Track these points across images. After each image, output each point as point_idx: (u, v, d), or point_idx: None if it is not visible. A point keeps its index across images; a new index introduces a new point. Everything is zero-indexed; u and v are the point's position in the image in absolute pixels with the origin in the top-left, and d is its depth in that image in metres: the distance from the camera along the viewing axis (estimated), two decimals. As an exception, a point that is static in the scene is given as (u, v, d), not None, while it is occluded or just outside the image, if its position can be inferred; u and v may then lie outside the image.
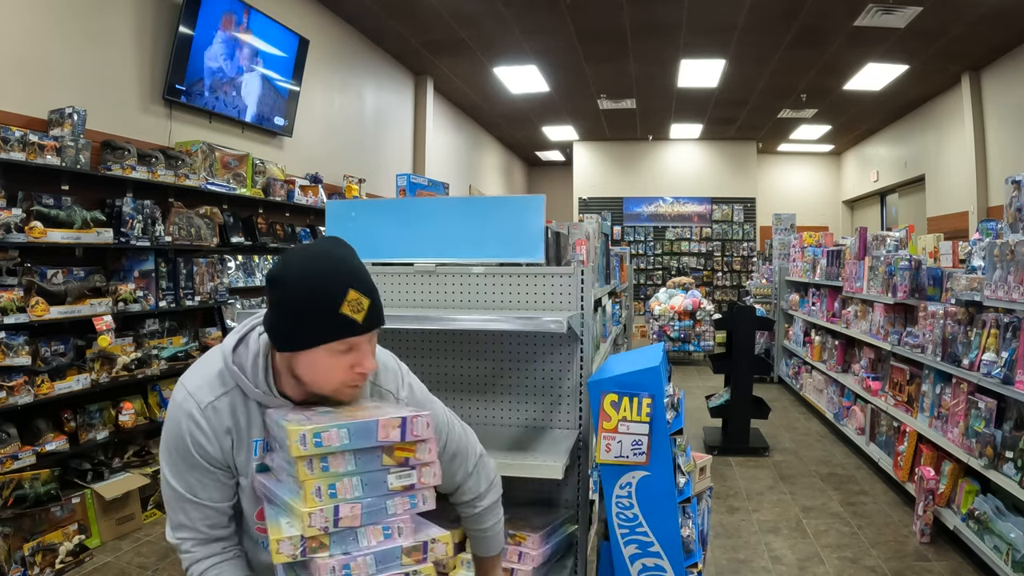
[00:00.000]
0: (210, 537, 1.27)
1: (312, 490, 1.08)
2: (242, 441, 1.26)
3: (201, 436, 1.22)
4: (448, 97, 10.46)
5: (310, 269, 1.15)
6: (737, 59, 8.25)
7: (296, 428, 1.08)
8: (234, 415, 1.24)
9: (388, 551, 1.12)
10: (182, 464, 1.23)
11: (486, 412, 2.36)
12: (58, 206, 3.53)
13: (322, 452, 1.09)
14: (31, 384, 3.30)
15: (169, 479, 1.25)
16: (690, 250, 13.35)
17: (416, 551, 1.14)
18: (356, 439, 1.11)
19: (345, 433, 1.10)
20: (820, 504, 4.31)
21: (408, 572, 1.13)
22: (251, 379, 1.23)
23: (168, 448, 1.24)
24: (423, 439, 1.16)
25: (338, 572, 1.09)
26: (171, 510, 1.26)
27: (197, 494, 1.24)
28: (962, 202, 8.64)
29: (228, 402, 1.24)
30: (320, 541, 1.09)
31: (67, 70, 3.88)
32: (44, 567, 3.19)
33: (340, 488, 1.10)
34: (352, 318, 1.14)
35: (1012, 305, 3.05)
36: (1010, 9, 6.38)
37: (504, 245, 2.33)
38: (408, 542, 1.14)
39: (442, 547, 1.16)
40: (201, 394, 1.23)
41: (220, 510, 1.27)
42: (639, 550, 2.00)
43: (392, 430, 1.13)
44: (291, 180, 5.85)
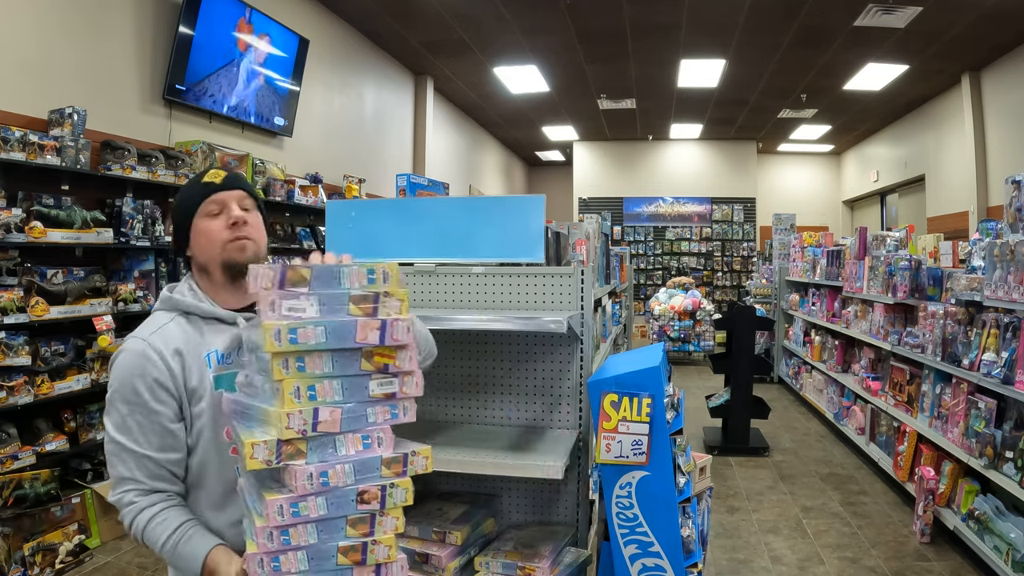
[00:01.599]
0: (152, 488, 1.26)
1: (290, 390, 1.04)
2: (195, 362, 1.30)
3: (149, 365, 1.25)
4: (448, 97, 10.46)
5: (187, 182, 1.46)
6: (737, 59, 8.25)
7: (271, 323, 1.04)
8: (182, 339, 1.30)
9: (367, 461, 1.08)
10: (125, 408, 1.25)
11: (486, 412, 2.36)
12: (58, 206, 3.53)
13: (298, 350, 1.04)
14: (31, 384, 3.30)
15: (112, 433, 1.26)
16: (690, 250, 13.35)
17: (396, 463, 1.09)
18: (333, 338, 1.06)
19: (322, 331, 1.06)
20: (820, 504, 4.31)
21: (386, 484, 1.09)
22: (189, 298, 1.37)
23: (112, 398, 1.26)
24: (403, 345, 1.11)
25: (315, 480, 1.04)
26: (113, 467, 1.27)
27: (138, 440, 1.24)
28: (962, 202, 8.64)
29: (172, 329, 1.32)
30: (297, 447, 1.04)
31: (67, 70, 3.88)
32: (44, 567, 3.19)
33: (320, 391, 1.06)
34: (211, 181, 1.40)
35: (1012, 305, 3.05)
36: (1010, 9, 6.38)
37: (504, 245, 2.33)
38: (388, 453, 1.09)
39: (422, 460, 1.12)
40: (144, 332, 1.31)
41: (161, 461, 1.26)
42: (639, 550, 2.00)
43: (371, 332, 1.08)
44: (291, 180, 5.85)
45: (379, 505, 1.08)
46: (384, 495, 1.09)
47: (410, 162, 9.22)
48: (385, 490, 1.09)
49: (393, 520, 1.10)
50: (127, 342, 1.31)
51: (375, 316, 1.10)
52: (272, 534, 1.03)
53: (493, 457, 1.97)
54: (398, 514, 1.10)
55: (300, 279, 1.07)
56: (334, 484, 1.05)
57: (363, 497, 1.07)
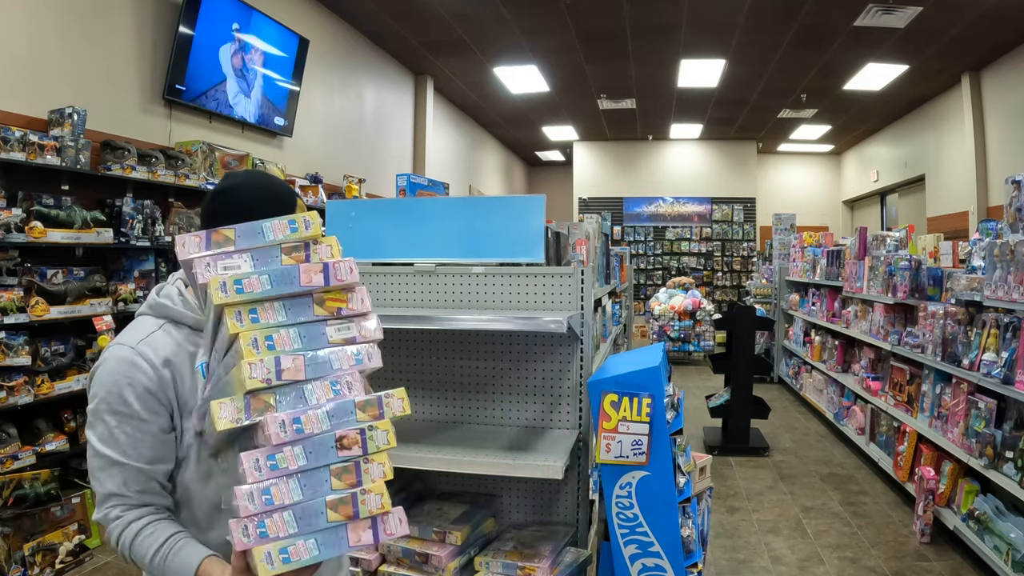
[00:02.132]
0: (140, 502, 1.19)
1: (248, 342, 1.01)
2: (182, 372, 1.24)
3: (139, 374, 1.19)
4: (448, 97, 10.46)
5: (263, 180, 1.30)
6: (737, 59, 8.25)
7: (215, 277, 1.02)
8: (171, 348, 1.24)
9: (340, 406, 1.04)
10: (114, 420, 1.18)
11: (486, 412, 2.36)
12: (58, 206, 3.53)
13: (246, 300, 1.03)
14: (31, 384, 3.31)
15: (97, 446, 1.18)
16: (690, 250, 13.35)
17: (371, 406, 1.06)
18: (278, 284, 1.04)
19: (266, 279, 1.04)
20: (820, 504, 4.31)
21: (364, 428, 1.05)
22: (179, 305, 1.30)
23: (97, 410, 1.19)
24: (349, 285, 1.09)
25: (288, 427, 1.00)
26: (98, 482, 1.19)
27: (127, 452, 1.18)
28: (962, 202, 8.64)
29: (161, 336, 1.26)
30: (265, 400, 1.01)
31: (67, 70, 3.88)
32: (44, 567, 3.19)
33: (278, 340, 1.03)
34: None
35: (1012, 305, 3.05)
36: (1010, 9, 6.38)
37: (504, 245, 2.33)
38: (361, 396, 1.06)
39: (398, 402, 1.08)
40: (130, 338, 1.24)
41: (151, 473, 1.20)
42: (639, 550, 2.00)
43: (315, 275, 1.06)
44: (291, 180, 5.85)
45: (361, 451, 1.04)
46: (364, 439, 1.05)
47: (410, 162, 9.22)
48: (364, 433, 1.05)
49: (380, 467, 1.05)
50: (112, 350, 1.23)
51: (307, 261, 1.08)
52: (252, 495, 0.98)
53: (493, 457, 1.97)
54: (384, 459, 1.06)
55: (224, 239, 1.05)
56: (309, 431, 1.01)
57: (342, 443, 1.03)
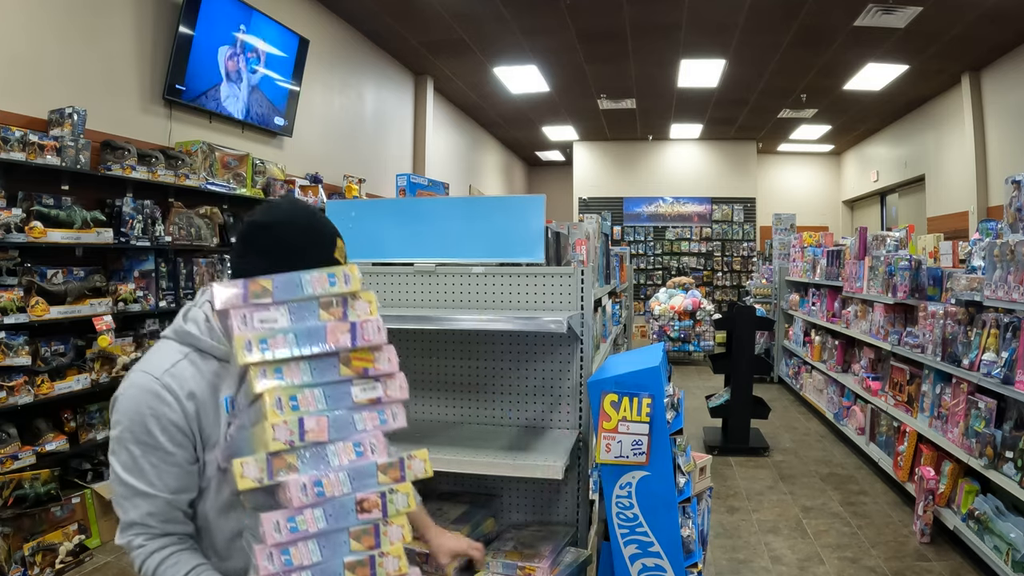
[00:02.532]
0: (163, 531, 1.21)
1: (272, 402, 1.01)
2: (208, 405, 1.23)
3: (163, 406, 1.19)
4: (448, 97, 10.46)
5: (305, 217, 1.29)
6: (737, 59, 8.25)
7: (241, 336, 1.02)
8: (195, 379, 1.24)
9: (362, 467, 1.04)
10: (138, 450, 1.18)
11: (486, 412, 2.36)
12: (58, 206, 3.53)
13: (272, 360, 1.02)
14: (31, 384, 3.30)
15: (121, 474, 1.19)
16: (690, 250, 13.35)
17: (393, 468, 1.06)
18: (305, 344, 1.05)
19: (292, 338, 1.04)
20: (820, 504, 4.31)
21: (386, 491, 1.05)
22: (206, 335, 1.27)
23: (119, 436, 1.19)
24: (377, 345, 1.09)
25: (310, 490, 1.01)
26: (122, 509, 1.21)
27: (152, 483, 1.19)
28: (962, 202, 8.64)
29: (186, 367, 1.24)
30: (287, 461, 1.01)
31: (67, 70, 3.88)
32: (44, 567, 3.19)
33: (302, 400, 1.03)
34: (339, 262, 1.29)
35: (1012, 305, 3.05)
36: (1010, 9, 6.38)
37: (504, 245, 2.33)
38: (383, 459, 1.06)
39: (420, 464, 1.09)
40: (155, 367, 1.23)
41: (176, 503, 1.22)
42: (639, 550, 2.00)
43: (342, 335, 1.07)
44: (291, 180, 5.85)
45: (381, 513, 1.05)
46: (385, 502, 1.05)
47: (410, 162, 9.22)
48: (385, 497, 1.05)
49: (399, 529, 1.06)
50: (135, 377, 1.23)
51: (345, 319, 1.09)
52: (272, 555, 0.99)
53: (493, 457, 1.97)
54: (403, 522, 1.07)
55: (262, 290, 1.05)
56: (330, 494, 1.02)
57: (363, 505, 1.04)
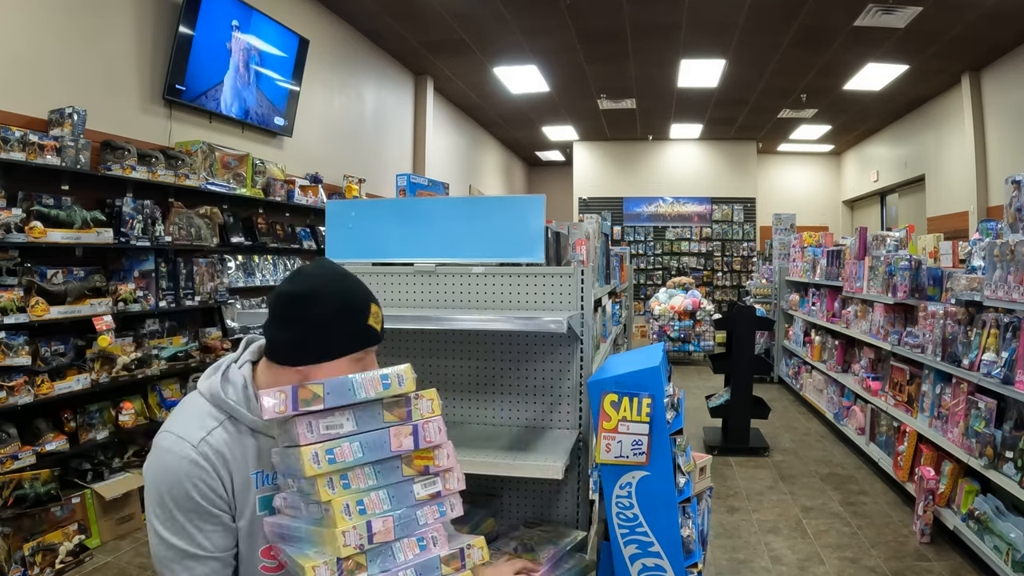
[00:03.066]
0: None
1: (340, 509, 1.05)
2: (239, 475, 1.21)
3: (203, 475, 1.17)
4: (448, 97, 10.46)
5: (338, 289, 1.24)
6: (737, 59, 8.25)
7: (307, 447, 1.06)
8: (229, 448, 1.21)
9: (427, 562, 1.10)
10: (182, 515, 1.15)
11: (486, 412, 2.36)
12: (58, 206, 3.53)
13: (338, 469, 1.07)
14: (31, 384, 3.30)
15: (166, 536, 1.15)
16: (690, 250, 13.35)
17: (454, 559, 1.12)
18: (369, 451, 1.09)
19: (358, 447, 1.09)
20: (820, 504, 4.31)
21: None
22: (243, 405, 1.23)
23: (161, 502, 1.15)
24: (438, 444, 1.15)
25: None
26: (169, 571, 1.16)
27: (203, 546, 1.17)
28: (962, 202, 8.64)
29: (220, 436, 1.21)
30: (356, 562, 1.05)
31: (67, 70, 3.88)
32: (44, 567, 3.19)
33: (369, 504, 1.08)
34: (375, 328, 1.26)
35: (1012, 305, 3.05)
36: (1010, 9, 6.38)
37: (504, 245, 2.33)
38: (445, 551, 1.12)
39: (478, 552, 1.15)
40: (192, 433, 1.19)
41: (226, 561, 1.21)
42: (639, 550, 2.00)
43: (404, 438, 1.12)
44: (291, 180, 5.85)
45: None
46: None
47: (410, 162, 9.22)
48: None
49: None
50: (170, 443, 1.18)
51: (409, 420, 1.14)
52: None
53: (493, 457, 1.97)
54: None
55: (312, 396, 1.08)
56: None
57: None
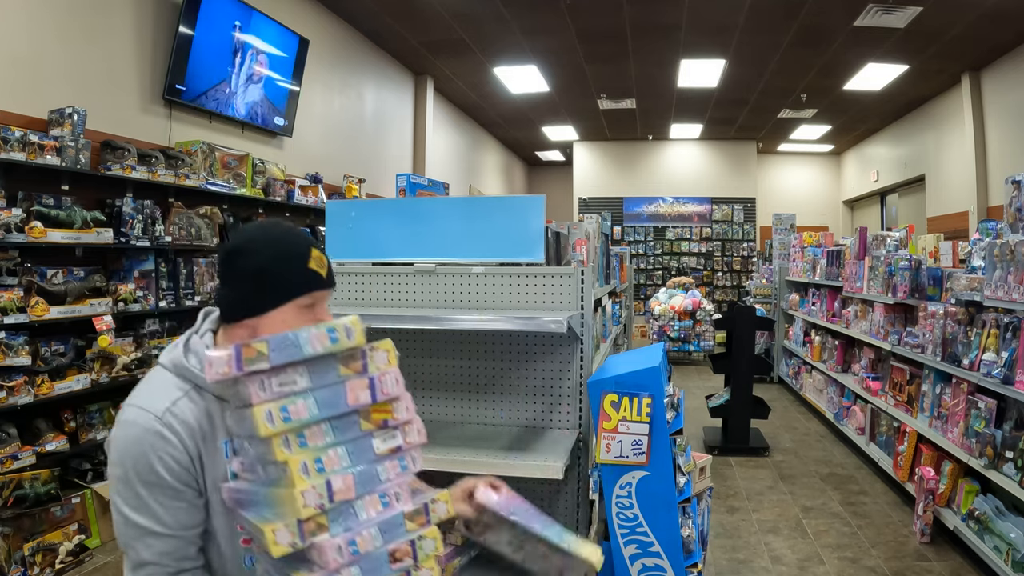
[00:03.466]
0: (177, 569, 1.16)
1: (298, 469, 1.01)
2: (208, 445, 1.18)
3: (168, 447, 1.13)
4: (448, 97, 10.46)
5: (274, 236, 1.23)
6: (737, 59, 8.25)
7: (260, 406, 1.00)
8: (196, 418, 1.18)
9: (390, 519, 1.07)
10: (145, 490, 1.12)
11: (486, 412, 2.36)
12: (58, 206, 3.53)
13: (293, 427, 1.02)
14: (31, 384, 3.30)
15: (127, 513, 1.13)
16: (690, 250, 13.35)
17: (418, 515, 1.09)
18: (325, 407, 1.04)
19: (313, 403, 1.04)
20: (820, 504, 4.31)
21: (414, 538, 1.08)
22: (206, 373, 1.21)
23: (125, 478, 1.13)
24: (396, 396, 1.10)
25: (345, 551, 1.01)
26: (131, 549, 1.15)
27: (165, 523, 1.13)
28: (962, 202, 8.64)
29: (186, 405, 1.18)
30: (318, 522, 1.01)
31: (67, 70, 3.88)
32: (44, 567, 3.19)
33: (327, 461, 1.04)
34: (318, 272, 1.23)
35: (1012, 305, 3.05)
36: (1010, 9, 6.38)
37: (504, 245, 2.33)
38: (408, 507, 1.09)
39: (443, 506, 1.11)
40: (156, 404, 1.16)
41: (189, 539, 1.17)
42: (639, 550, 2.00)
43: (361, 392, 1.07)
44: (291, 180, 5.85)
45: (412, 560, 1.08)
46: (415, 549, 1.08)
47: (410, 162, 9.22)
48: (415, 544, 1.08)
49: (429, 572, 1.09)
50: (134, 415, 1.15)
51: (365, 373, 1.09)
52: None
53: (493, 457, 1.97)
54: (432, 564, 1.09)
55: (257, 355, 1.02)
56: (364, 551, 1.03)
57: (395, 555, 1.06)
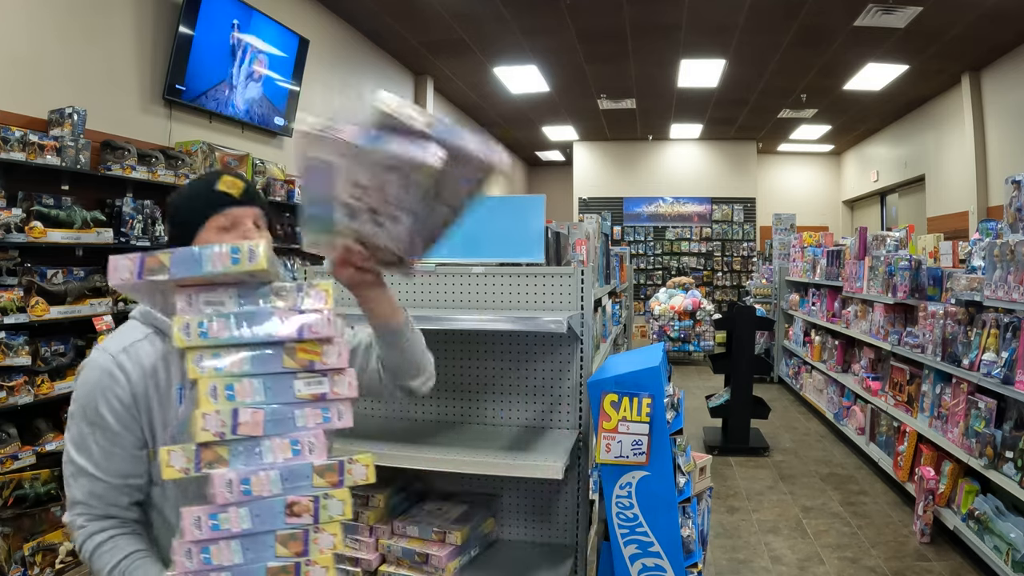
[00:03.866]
0: (105, 514, 1.19)
1: (207, 390, 0.94)
2: (162, 391, 1.19)
3: (114, 385, 1.17)
4: (448, 97, 10.46)
5: (190, 182, 1.35)
6: (737, 59, 8.25)
7: (180, 318, 0.96)
8: (151, 359, 1.20)
9: (297, 468, 0.96)
10: (87, 428, 1.17)
11: (486, 412, 2.36)
12: (58, 206, 3.53)
13: (210, 344, 0.96)
14: (31, 384, 3.30)
15: (70, 450, 1.19)
16: (690, 250, 13.35)
17: (331, 472, 0.97)
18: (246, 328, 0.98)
19: (233, 322, 0.97)
20: (820, 504, 4.31)
21: (319, 495, 0.96)
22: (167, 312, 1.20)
23: (74, 413, 1.19)
24: (326, 338, 1.00)
25: (236, 487, 0.93)
26: (69, 488, 1.20)
27: (98, 464, 1.17)
28: (962, 202, 8.64)
29: (144, 346, 1.21)
30: (217, 453, 0.94)
31: (67, 70, 3.88)
32: (44, 567, 3.19)
33: (240, 390, 0.96)
34: (227, 192, 1.28)
35: (1012, 305, 3.05)
36: (1010, 9, 6.38)
37: (504, 245, 2.33)
38: (321, 460, 0.98)
39: (361, 469, 0.99)
40: (113, 345, 1.21)
41: (121, 488, 1.19)
42: (639, 550, 2.00)
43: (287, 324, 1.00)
44: (291, 180, 5.85)
45: (312, 519, 0.97)
46: (317, 507, 0.97)
47: (410, 162, 9.22)
48: (318, 501, 0.97)
49: (330, 537, 0.97)
50: (94, 355, 1.21)
51: (298, 307, 1.01)
52: (191, 551, 0.92)
53: (493, 457, 1.97)
54: (336, 530, 0.98)
55: (159, 265, 0.97)
56: (258, 493, 0.94)
57: (293, 509, 0.96)
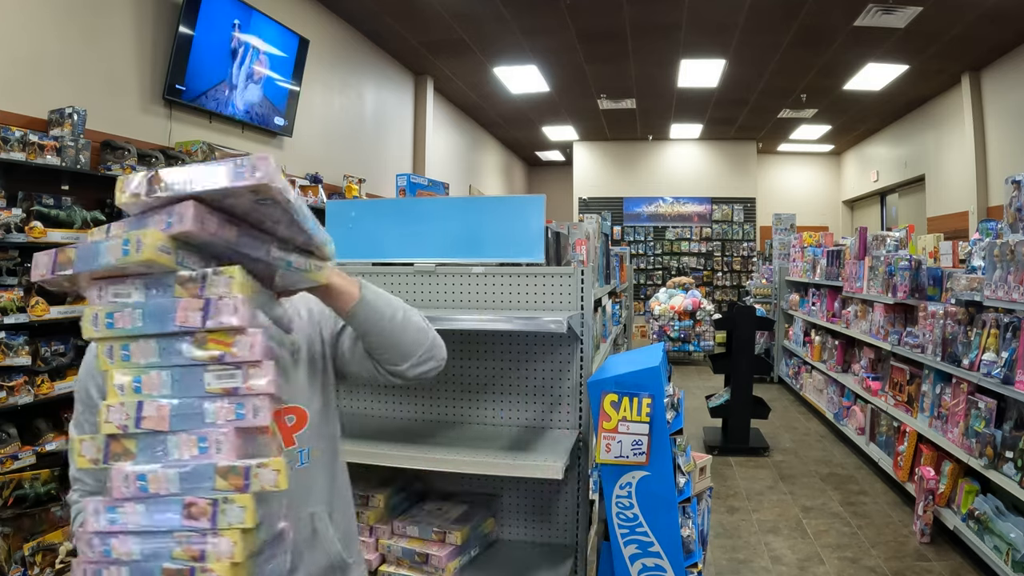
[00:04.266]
0: (96, 490, 1.19)
1: (115, 382, 0.93)
2: None
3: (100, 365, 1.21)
4: (448, 97, 10.46)
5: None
6: (737, 59, 8.25)
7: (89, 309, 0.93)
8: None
9: (198, 468, 0.91)
10: (80, 407, 1.25)
11: (486, 412, 2.36)
12: (58, 206, 3.53)
13: (117, 335, 0.93)
14: (31, 384, 3.30)
15: (71, 430, 1.27)
16: (690, 250, 13.35)
17: (235, 474, 0.91)
18: (151, 321, 0.93)
19: (139, 315, 0.93)
20: (820, 504, 4.31)
21: (219, 499, 0.91)
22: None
23: (75, 397, 1.28)
24: (234, 328, 0.94)
25: (131, 482, 0.91)
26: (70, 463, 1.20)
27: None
28: (962, 202, 8.64)
29: None
30: (125, 446, 0.92)
31: (67, 70, 3.88)
32: (44, 567, 3.19)
33: (146, 382, 0.93)
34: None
35: (1012, 305, 3.05)
36: (1010, 9, 6.38)
37: (504, 245, 2.33)
38: (226, 461, 0.92)
39: (271, 475, 0.93)
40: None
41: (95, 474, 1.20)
42: (639, 550, 2.00)
43: (192, 312, 0.94)
44: (291, 180, 5.85)
45: (209, 523, 0.91)
46: (215, 511, 0.91)
47: (410, 162, 9.22)
48: (217, 505, 0.91)
49: (229, 543, 0.91)
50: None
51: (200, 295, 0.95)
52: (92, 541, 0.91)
53: (493, 457, 1.97)
54: (236, 538, 0.91)
55: (67, 261, 0.96)
56: (154, 491, 0.91)
57: (190, 511, 0.91)
